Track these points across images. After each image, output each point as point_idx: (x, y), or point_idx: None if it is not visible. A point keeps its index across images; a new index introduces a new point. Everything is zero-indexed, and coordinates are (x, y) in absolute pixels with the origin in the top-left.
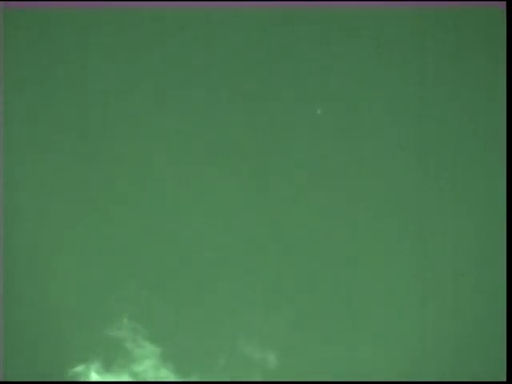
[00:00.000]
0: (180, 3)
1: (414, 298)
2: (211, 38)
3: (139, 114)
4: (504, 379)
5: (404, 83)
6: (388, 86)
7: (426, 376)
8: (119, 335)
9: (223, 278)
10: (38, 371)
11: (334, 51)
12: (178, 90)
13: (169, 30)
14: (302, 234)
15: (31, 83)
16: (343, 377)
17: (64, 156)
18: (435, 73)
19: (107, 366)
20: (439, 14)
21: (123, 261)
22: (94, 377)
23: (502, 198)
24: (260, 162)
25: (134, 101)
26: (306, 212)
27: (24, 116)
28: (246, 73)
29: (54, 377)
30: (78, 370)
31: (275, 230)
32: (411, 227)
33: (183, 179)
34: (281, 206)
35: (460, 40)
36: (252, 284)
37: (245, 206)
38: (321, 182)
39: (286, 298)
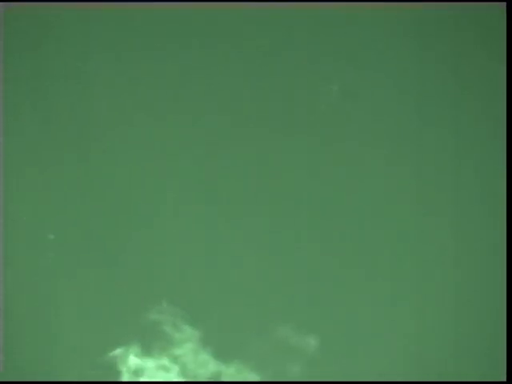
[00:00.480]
0: (181, 5)
1: (416, 298)
2: (213, 39)
3: (139, 116)
4: (504, 379)
5: (404, 83)
6: (388, 86)
7: (426, 376)
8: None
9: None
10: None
11: (334, 52)
12: (179, 90)
13: (171, 32)
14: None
15: (31, 84)
16: None
17: (63, 155)
18: (435, 73)
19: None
20: (439, 14)
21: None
22: (132, 360)
23: (502, 199)
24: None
25: (134, 102)
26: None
27: (24, 116)
28: (246, 76)
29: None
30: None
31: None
32: (411, 231)
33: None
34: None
35: (460, 40)
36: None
37: None
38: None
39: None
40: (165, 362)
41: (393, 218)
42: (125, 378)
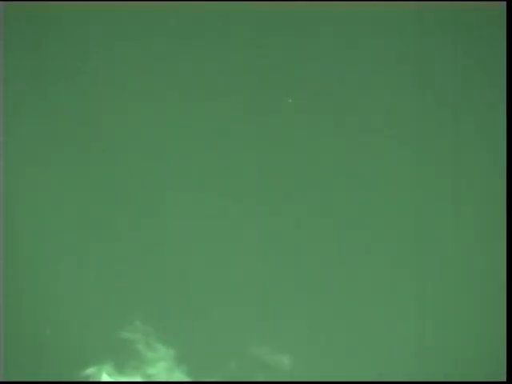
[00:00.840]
0: (182, 3)
1: (413, 299)
2: (215, 38)
3: (140, 117)
4: (504, 379)
5: (403, 85)
6: (387, 86)
7: (426, 376)
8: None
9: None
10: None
11: (334, 53)
12: (179, 93)
13: (171, 33)
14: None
15: (32, 85)
16: None
17: (64, 157)
18: (435, 74)
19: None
20: (439, 14)
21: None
22: (106, 378)
23: (502, 200)
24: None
25: (135, 104)
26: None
27: (24, 118)
28: (245, 76)
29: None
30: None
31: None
32: (411, 233)
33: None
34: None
35: (460, 40)
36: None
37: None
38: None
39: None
40: (138, 379)
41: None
42: None
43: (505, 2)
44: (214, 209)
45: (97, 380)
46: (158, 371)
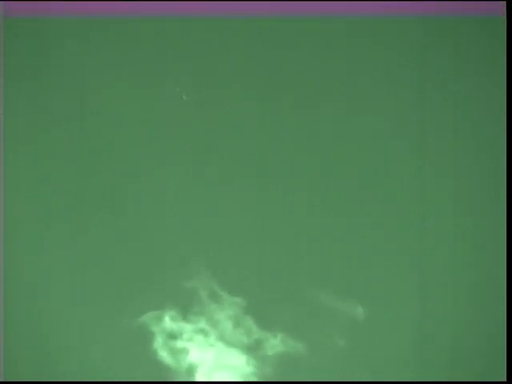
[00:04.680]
0: (181, 11)
1: (412, 295)
2: (214, 46)
3: (141, 121)
4: (504, 379)
5: (404, 89)
6: (387, 92)
7: (426, 376)
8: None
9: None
10: None
11: (334, 57)
12: (179, 97)
13: (170, 40)
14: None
15: (31, 91)
16: None
17: (63, 166)
18: (435, 77)
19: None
20: (439, 22)
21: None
22: (168, 323)
23: (502, 197)
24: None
25: (135, 109)
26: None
27: (23, 124)
28: (246, 77)
29: None
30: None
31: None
32: (411, 226)
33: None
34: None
35: (460, 46)
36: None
37: None
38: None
39: None
40: (203, 325)
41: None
42: (158, 341)
43: (505, 2)
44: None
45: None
46: (224, 317)
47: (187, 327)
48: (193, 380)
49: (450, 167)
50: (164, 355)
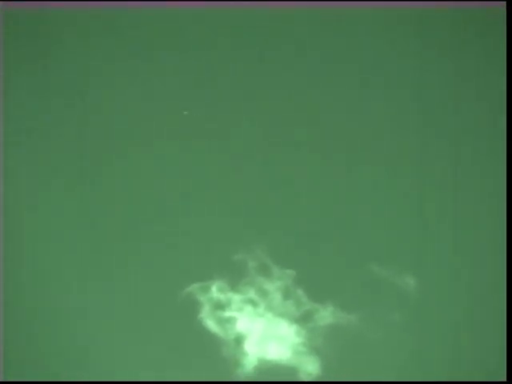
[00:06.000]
0: (180, 5)
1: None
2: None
3: (140, 119)
4: (504, 379)
5: (403, 84)
6: (388, 86)
7: (426, 376)
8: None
9: None
10: None
11: (334, 52)
12: (179, 93)
13: (170, 33)
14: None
15: (31, 84)
16: None
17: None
18: (435, 73)
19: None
20: (439, 15)
21: None
22: (215, 293)
23: (502, 195)
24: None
25: (134, 104)
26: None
27: (23, 117)
28: (244, 74)
29: None
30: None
31: None
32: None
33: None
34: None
35: (460, 40)
36: None
37: None
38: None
39: None
40: (252, 296)
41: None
42: (205, 311)
43: (505, 2)
44: None
45: None
46: (273, 289)
47: (235, 298)
48: (242, 349)
49: (449, 166)
50: (211, 324)
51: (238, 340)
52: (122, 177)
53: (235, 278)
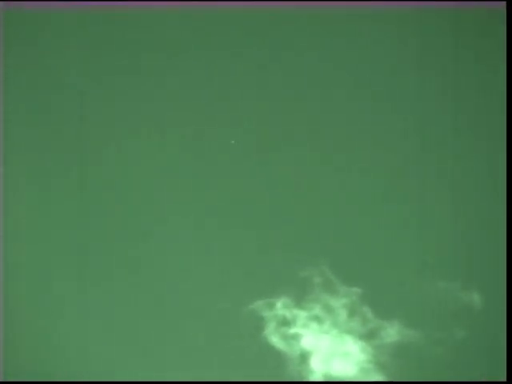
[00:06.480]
0: (180, 4)
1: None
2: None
3: (140, 119)
4: (504, 379)
5: (404, 84)
6: (388, 85)
7: (426, 376)
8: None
9: None
10: None
11: (334, 51)
12: (178, 92)
13: (170, 33)
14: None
15: (31, 85)
16: None
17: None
18: (435, 73)
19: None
20: (439, 15)
21: None
22: (280, 310)
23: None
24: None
25: (134, 103)
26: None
27: (23, 118)
28: (244, 76)
29: None
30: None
31: None
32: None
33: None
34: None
35: (460, 40)
36: None
37: None
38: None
39: None
40: (318, 312)
41: None
42: (271, 328)
43: (505, 2)
44: None
45: None
46: (340, 305)
47: (301, 314)
48: (307, 365)
49: (449, 165)
50: (276, 341)
51: (304, 356)
52: (135, 176)
53: (300, 294)
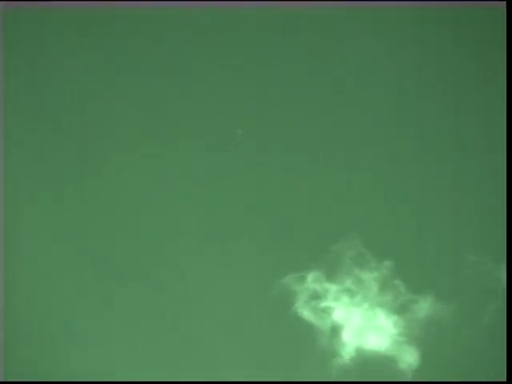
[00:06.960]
0: (180, 4)
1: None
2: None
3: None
4: (504, 379)
5: (403, 84)
6: (388, 85)
7: (426, 376)
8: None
9: None
10: None
11: (334, 51)
12: (176, 91)
13: (169, 31)
14: None
15: (31, 83)
16: None
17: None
18: (435, 71)
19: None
20: (439, 14)
21: None
22: (311, 283)
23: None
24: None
25: (134, 103)
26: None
27: (23, 117)
28: (244, 71)
29: None
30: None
31: None
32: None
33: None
34: None
35: (460, 39)
36: None
37: None
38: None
39: None
40: (350, 286)
41: None
42: (301, 301)
43: (505, 2)
44: None
45: None
46: (371, 279)
47: (332, 288)
48: (339, 339)
49: (449, 163)
50: (306, 314)
51: (335, 330)
52: (140, 175)
53: (331, 268)
